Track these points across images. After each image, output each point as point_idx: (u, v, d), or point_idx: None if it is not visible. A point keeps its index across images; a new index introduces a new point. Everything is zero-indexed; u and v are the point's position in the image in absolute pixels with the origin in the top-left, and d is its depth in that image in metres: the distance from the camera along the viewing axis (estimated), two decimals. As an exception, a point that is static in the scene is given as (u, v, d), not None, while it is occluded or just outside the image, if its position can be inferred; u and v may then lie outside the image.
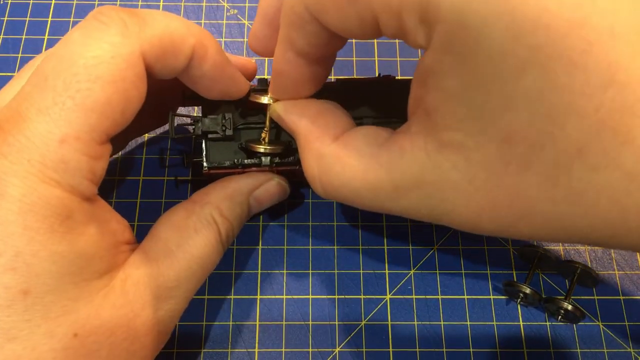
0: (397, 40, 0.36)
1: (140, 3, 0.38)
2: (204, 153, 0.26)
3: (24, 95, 0.20)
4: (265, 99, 0.25)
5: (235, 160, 0.26)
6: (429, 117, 0.18)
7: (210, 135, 0.26)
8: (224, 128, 0.26)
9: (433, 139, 0.18)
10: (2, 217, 0.18)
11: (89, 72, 0.19)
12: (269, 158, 0.26)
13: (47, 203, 0.19)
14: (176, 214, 0.25)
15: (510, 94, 0.15)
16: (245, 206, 0.26)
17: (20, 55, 0.35)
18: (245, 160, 0.26)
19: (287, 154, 0.26)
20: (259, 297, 0.30)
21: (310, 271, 0.31)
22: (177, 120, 0.33)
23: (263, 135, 0.26)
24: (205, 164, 0.26)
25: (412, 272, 0.31)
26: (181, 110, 0.34)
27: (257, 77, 0.28)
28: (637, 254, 0.31)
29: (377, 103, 0.27)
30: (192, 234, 0.24)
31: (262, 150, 0.26)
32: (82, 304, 0.20)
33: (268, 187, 0.27)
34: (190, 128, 0.34)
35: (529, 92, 0.15)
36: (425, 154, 0.18)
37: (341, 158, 0.21)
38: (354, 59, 0.36)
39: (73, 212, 0.20)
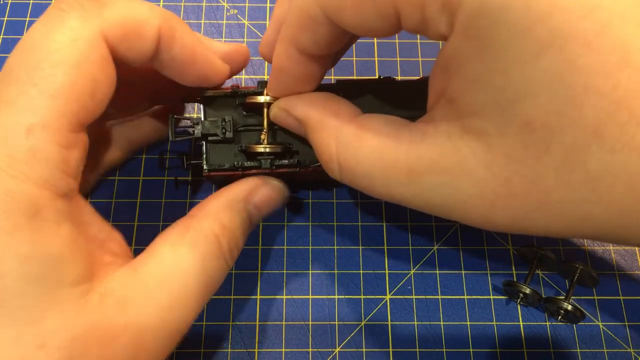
0: (397, 41, 0.36)
1: (140, 3, 0.38)
2: (204, 155, 0.26)
3: None
4: (262, 98, 0.25)
5: (235, 162, 0.26)
6: (452, 105, 0.18)
7: (210, 138, 0.26)
8: (223, 130, 0.26)
9: (456, 124, 0.18)
10: None
11: (50, 58, 0.19)
12: (269, 160, 0.26)
13: (12, 198, 0.18)
14: (173, 231, 0.23)
15: (529, 76, 0.15)
16: (245, 214, 0.25)
17: (20, 55, 0.35)
18: (245, 163, 0.26)
19: (286, 155, 0.26)
20: (259, 297, 0.30)
21: (310, 271, 0.31)
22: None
23: (262, 136, 0.26)
24: (205, 166, 0.26)
25: (412, 272, 0.31)
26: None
27: (256, 78, 0.28)
28: (637, 254, 0.31)
29: (377, 104, 0.27)
30: (188, 251, 0.22)
31: (261, 150, 0.26)
32: (51, 313, 0.18)
33: (264, 191, 0.26)
34: (190, 130, 0.34)
35: (547, 73, 0.15)
36: (447, 138, 0.18)
37: (359, 135, 0.21)
38: (354, 59, 0.36)
39: (42, 208, 0.18)
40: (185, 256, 0.22)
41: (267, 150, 0.26)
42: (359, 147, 0.21)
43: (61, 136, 0.19)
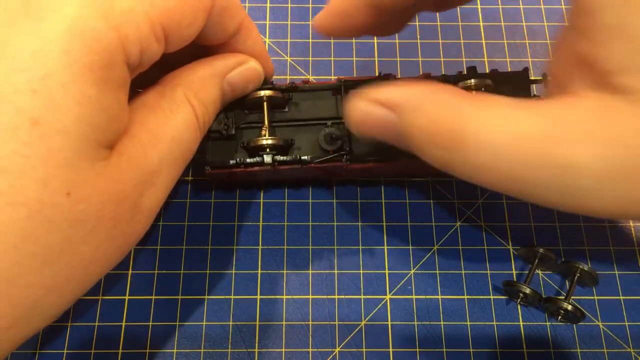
0: (397, 40, 0.36)
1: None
2: (206, 152, 0.26)
3: None
4: (262, 92, 0.25)
5: (237, 159, 0.26)
6: (591, 68, 0.17)
7: (212, 135, 0.26)
8: (225, 127, 0.26)
9: (603, 90, 0.16)
10: (44, 31, 0.16)
11: None
12: (270, 157, 0.26)
13: (97, 39, 0.17)
14: (147, 97, 0.22)
15: None
16: (219, 89, 0.24)
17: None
18: (248, 159, 0.26)
19: (288, 150, 0.26)
20: (259, 297, 0.30)
21: (310, 271, 0.30)
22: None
23: (263, 132, 0.26)
24: (207, 164, 0.26)
25: (412, 272, 0.31)
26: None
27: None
28: (638, 254, 0.31)
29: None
30: (169, 115, 0.22)
31: (263, 143, 0.25)
32: (85, 164, 0.17)
33: (242, 70, 0.25)
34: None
35: None
36: (596, 105, 0.16)
37: (487, 103, 0.18)
38: (354, 59, 0.36)
39: (115, 65, 0.18)
40: (169, 121, 0.22)
41: (269, 142, 0.25)
42: (488, 115, 0.18)
43: (156, 26, 0.19)
